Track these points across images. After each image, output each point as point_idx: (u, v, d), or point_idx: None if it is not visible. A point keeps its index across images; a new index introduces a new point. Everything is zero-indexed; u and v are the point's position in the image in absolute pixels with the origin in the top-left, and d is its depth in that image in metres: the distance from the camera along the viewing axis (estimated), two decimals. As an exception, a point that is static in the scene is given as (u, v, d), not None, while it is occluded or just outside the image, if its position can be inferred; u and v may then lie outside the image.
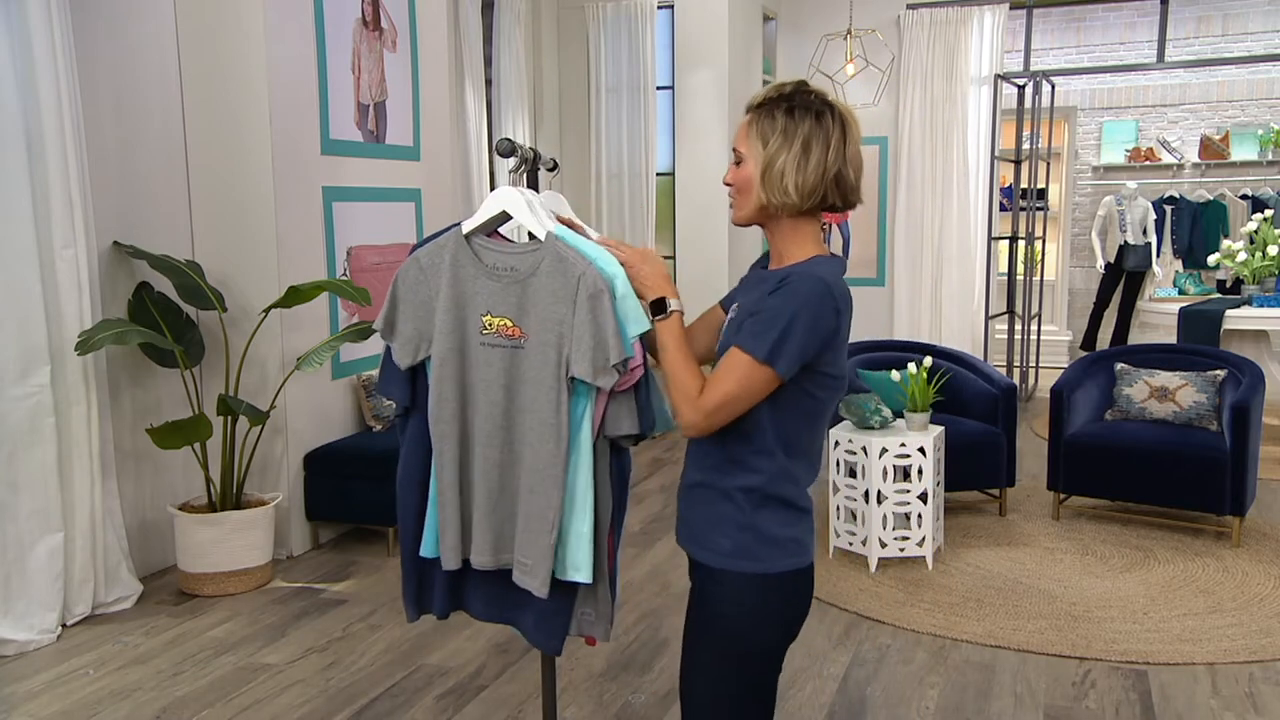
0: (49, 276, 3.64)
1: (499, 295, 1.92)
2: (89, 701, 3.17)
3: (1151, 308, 7.08)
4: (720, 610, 1.74)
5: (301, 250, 4.44)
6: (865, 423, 4.22)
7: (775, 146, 1.67)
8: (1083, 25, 9.34)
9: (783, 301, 1.62)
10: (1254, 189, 8.98)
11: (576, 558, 1.91)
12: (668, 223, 7.34)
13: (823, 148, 1.67)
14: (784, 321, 1.61)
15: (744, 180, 1.72)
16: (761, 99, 1.72)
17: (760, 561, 1.71)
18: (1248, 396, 4.43)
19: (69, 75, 3.63)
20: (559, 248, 1.87)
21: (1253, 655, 3.39)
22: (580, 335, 1.82)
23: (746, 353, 1.63)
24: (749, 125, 1.71)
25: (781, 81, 1.74)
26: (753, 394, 1.64)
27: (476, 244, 1.95)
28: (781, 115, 1.68)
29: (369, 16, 4.78)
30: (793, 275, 1.66)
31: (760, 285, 1.74)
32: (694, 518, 1.79)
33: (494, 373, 1.93)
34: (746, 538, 1.71)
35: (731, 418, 1.66)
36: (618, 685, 3.23)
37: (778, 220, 1.73)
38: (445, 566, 2.03)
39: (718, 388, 1.64)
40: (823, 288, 1.64)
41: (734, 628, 1.73)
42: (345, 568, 4.34)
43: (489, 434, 1.96)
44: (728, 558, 1.72)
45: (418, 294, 1.97)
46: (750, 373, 1.62)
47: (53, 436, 3.64)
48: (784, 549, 1.72)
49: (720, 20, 6.97)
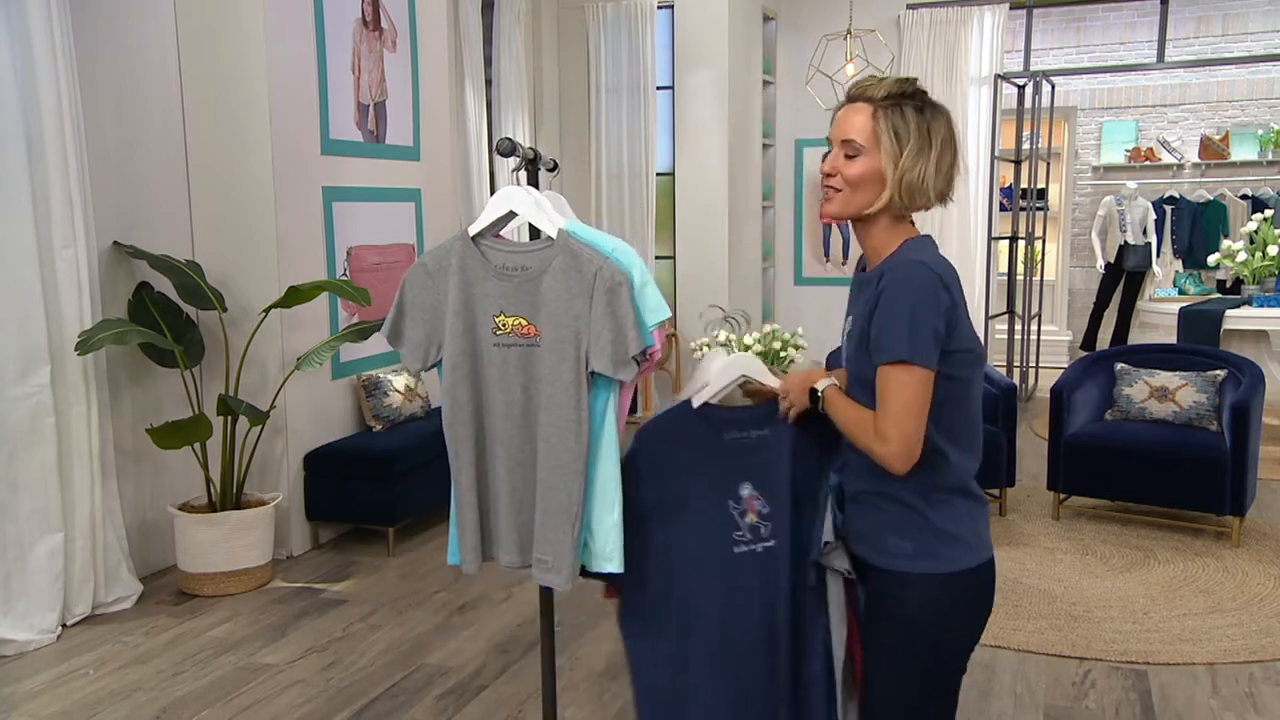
0: (49, 276, 3.64)
1: (511, 295, 1.92)
2: (89, 701, 3.16)
3: (1151, 308, 7.07)
4: (907, 614, 1.70)
5: (301, 250, 4.44)
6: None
7: (915, 147, 1.63)
8: (1083, 25, 9.34)
9: (893, 299, 1.60)
10: (1254, 189, 8.98)
11: (607, 548, 1.92)
12: (668, 223, 7.34)
13: (952, 151, 1.67)
14: (905, 317, 1.58)
15: (865, 174, 1.65)
16: (885, 92, 1.65)
17: (944, 561, 1.67)
18: (1248, 396, 4.43)
19: (69, 75, 3.63)
20: (571, 244, 1.88)
21: (1253, 655, 3.39)
22: (599, 330, 1.83)
23: (889, 364, 1.60)
24: (875, 119, 1.64)
25: (897, 77, 1.68)
26: (920, 397, 1.60)
27: (483, 245, 1.95)
28: (913, 113, 1.64)
29: (369, 16, 4.78)
30: (889, 270, 1.63)
31: (864, 289, 1.70)
32: (866, 525, 1.75)
33: (511, 372, 1.93)
34: (926, 537, 1.67)
35: (921, 430, 1.60)
36: (618, 685, 3.23)
37: (875, 218, 1.69)
38: (466, 570, 2.02)
39: (889, 411, 1.60)
40: (923, 270, 1.61)
41: (924, 631, 1.70)
42: (345, 568, 4.34)
43: (509, 434, 1.96)
44: (911, 560, 1.68)
45: (425, 298, 1.97)
46: (906, 380, 1.59)
47: (53, 436, 3.64)
48: (965, 544, 1.69)
49: (720, 20, 6.97)
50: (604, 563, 1.93)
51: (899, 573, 1.69)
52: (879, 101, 1.65)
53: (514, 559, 2.00)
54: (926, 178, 1.64)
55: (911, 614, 1.69)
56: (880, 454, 1.62)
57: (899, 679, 1.73)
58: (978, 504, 1.72)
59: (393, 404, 4.77)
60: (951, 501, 1.68)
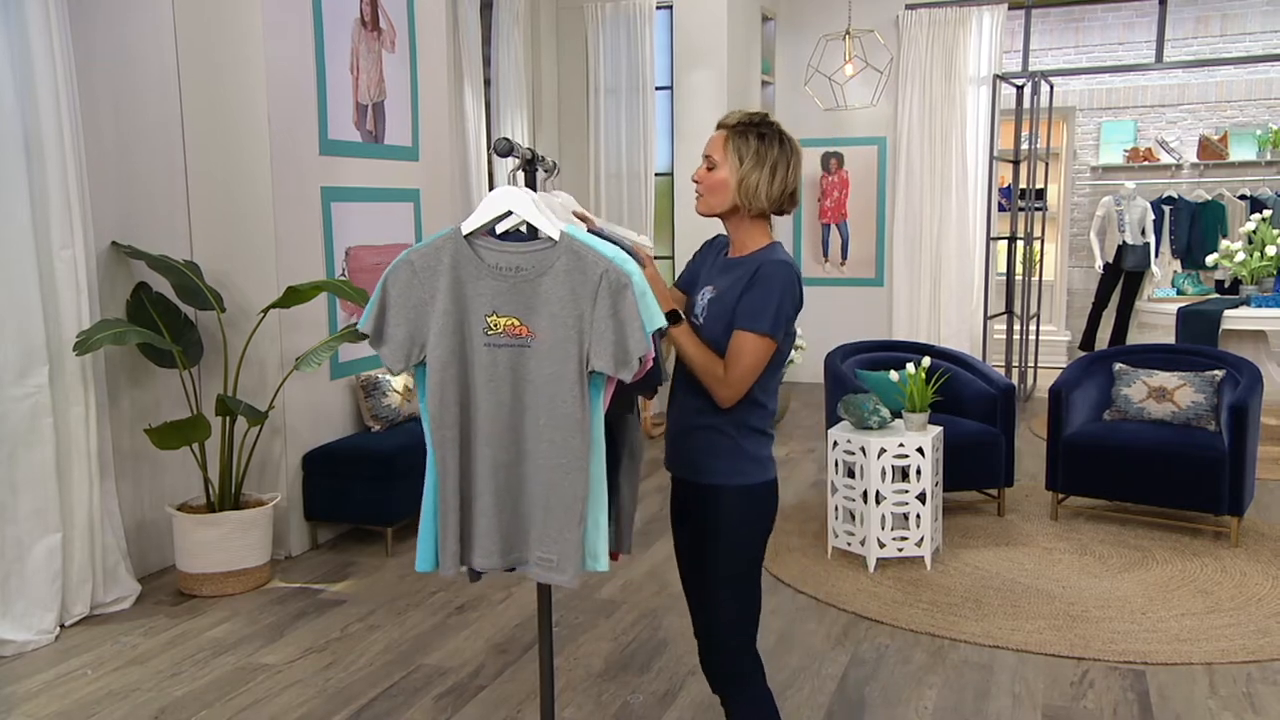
0: (47, 277, 3.64)
1: (505, 295, 1.91)
2: (87, 702, 3.16)
3: (1150, 308, 7.08)
4: (720, 520, 2.16)
5: (300, 250, 4.44)
6: (864, 423, 4.22)
7: (750, 165, 2.11)
8: (1081, 25, 9.35)
9: (769, 287, 2.07)
10: (1252, 189, 8.99)
11: (597, 547, 1.95)
12: (666, 222, 7.35)
13: (785, 169, 2.12)
14: (775, 302, 2.06)
15: (717, 183, 2.15)
16: (736, 121, 2.13)
17: (749, 476, 2.17)
18: (1246, 396, 4.43)
19: (67, 76, 3.63)
20: (575, 246, 1.88)
21: (1250, 655, 3.39)
22: (602, 331, 1.85)
23: (753, 332, 2.06)
24: (726, 141, 2.12)
25: (749, 111, 2.16)
26: (763, 363, 2.09)
27: (478, 244, 1.94)
28: (754, 139, 2.11)
29: (367, 17, 4.78)
30: (766, 263, 2.09)
31: (731, 272, 2.15)
32: (693, 453, 2.18)
33: (500, 372, 1.92)
34: (739, 461, 2.15)
35: (750, 383, 2.10)
36: (616, 685, 3.23)
37: (740, 217, 2.17)
38: (444, 573, 2.01)
39: (740, 365, 2.07)
40: (792, 270, 2.11)
41: (739, 532, 2.17)
42: (344, 568, 4.34)
43: (495, 435, 1.95)
44: (727, 476, 2.15)
45: (410, 297, 1.94)
46: (759, 347, 2.07)
47: (51, 437, 3.64)
48: (763, 466, 2.18)
49: (719, 20, 6.97)
50: (591, 561, 1.95)
51: (713, 485, 2.16)
52: (731, 128, 2.13)
53: (494, 561, 1.98)
54: (760, 188, 2.11)
55: (723, 520, 2.16)
56: (719, 394, 2.09)
57: (724, 569, 2.18)
58: (770, 439, 2.23)
59: (391, 404, 4.77)
60: (757, 437, 2.17)
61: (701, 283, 2.22)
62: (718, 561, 2.18)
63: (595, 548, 1.95)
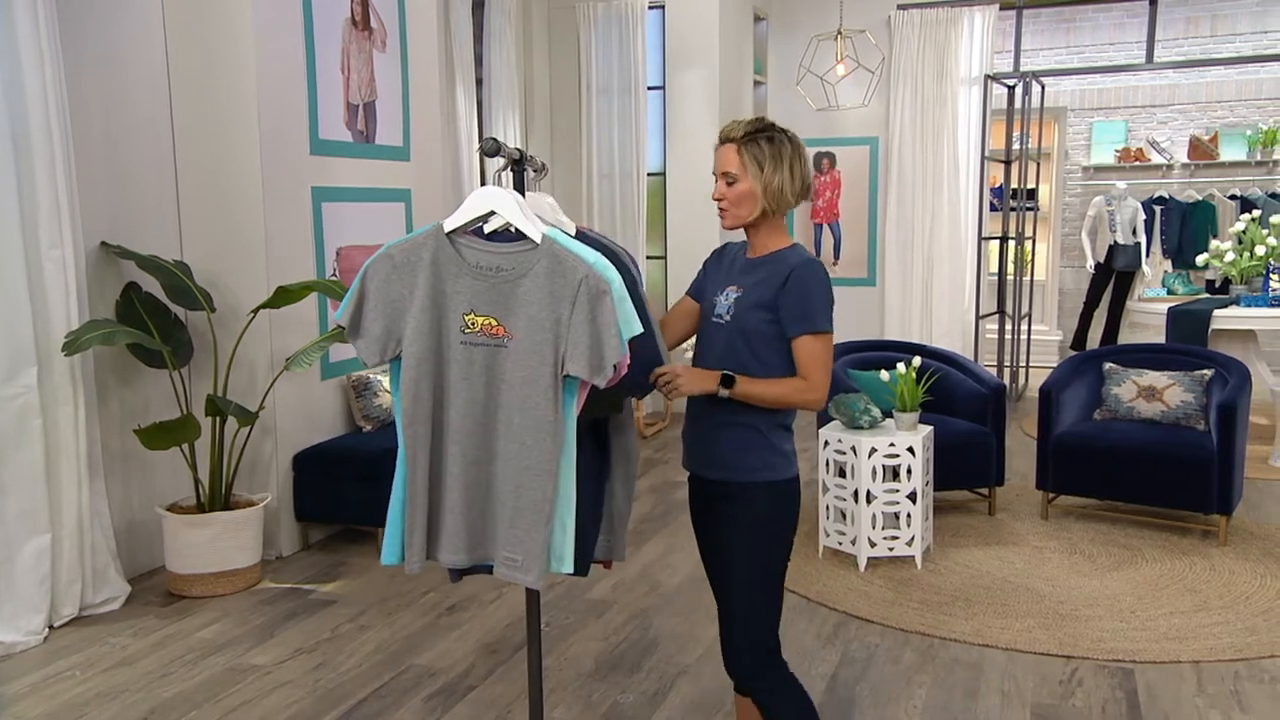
0: (36, 277, 3.63)
1: (484, 294, 1.91)
2: (76, 703, 3.16)
3: (1141, 308, 7.10)
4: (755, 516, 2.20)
5: (290, 250, 4.44)
6: (854, 422, 4.23)
7: (770, 169, 2.16)
8: (1072, 26, 9.37)
9: (811, 287, 2.15)
10: (1242, 189, 9.01)
11: (563, 549, 1.96)
12: (659, 222, 7.34)
13: (799, 164, 2.20)
14: (819, 298, 2.16)
15: (743, 195, 2.18)
16: (743, 133, 2.17)
17: (779, 471, 2.21)
18: (1234, 396, 4.45)
19: (56, 74, 3.62)
20: (556, 249, 1.88)
21: (1239, 653, 3.40)
22: (578, 336, 1.84)
23: (812, 334, 2.14)
24: (739, 153, 2.16)
25: (747, 119, 2.21)
26: (830, 355, 2.18)
27: (460, 242, 1.94)
28: (765, 143, 2.17)
29: (358, 16, 4.77)
30: (798, 266, 2.16)
31: (755, 271, 2.22)
32: (724, 448, 2.21)
33: (475, 371, 1.93)
34: (769, 455, 2.20)
35: (830, 376, 2.19)
36: (606, 685, 3.23)
37: (762, 220, 2.23)
38: (410, 570, 2.02)
39: (816, 366, 2.15)
40: (821, 266, 2.20)
41: (770, 527, 2.22)
42: (334, 568, 4.33)
43: (466, 432, 1.95)
44: (756, 471, 2.19)
45: (388, 291, 1.94)
46: (823, 343, 2.15)
47: (40, 437, 3.63)
48: (789, 461, 2.23)
49: (711, 21, 6.97)
50: (557, 563, 1.96)
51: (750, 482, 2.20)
52: (740, 140, 2.17)
53: (460, 558, 1.99)
54: (785, 187, 2.18)
55: (758, 512, 2.20)
56: (810, 401, 2.15)
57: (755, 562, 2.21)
58: (792, 434, 2.28)
59: (382, 404, 4.76)
60: (783, 433, 2.23)
61: (720, 285, 2.28)
62: (753, 557, 2.20)
63: (561, 549, 1.96)
